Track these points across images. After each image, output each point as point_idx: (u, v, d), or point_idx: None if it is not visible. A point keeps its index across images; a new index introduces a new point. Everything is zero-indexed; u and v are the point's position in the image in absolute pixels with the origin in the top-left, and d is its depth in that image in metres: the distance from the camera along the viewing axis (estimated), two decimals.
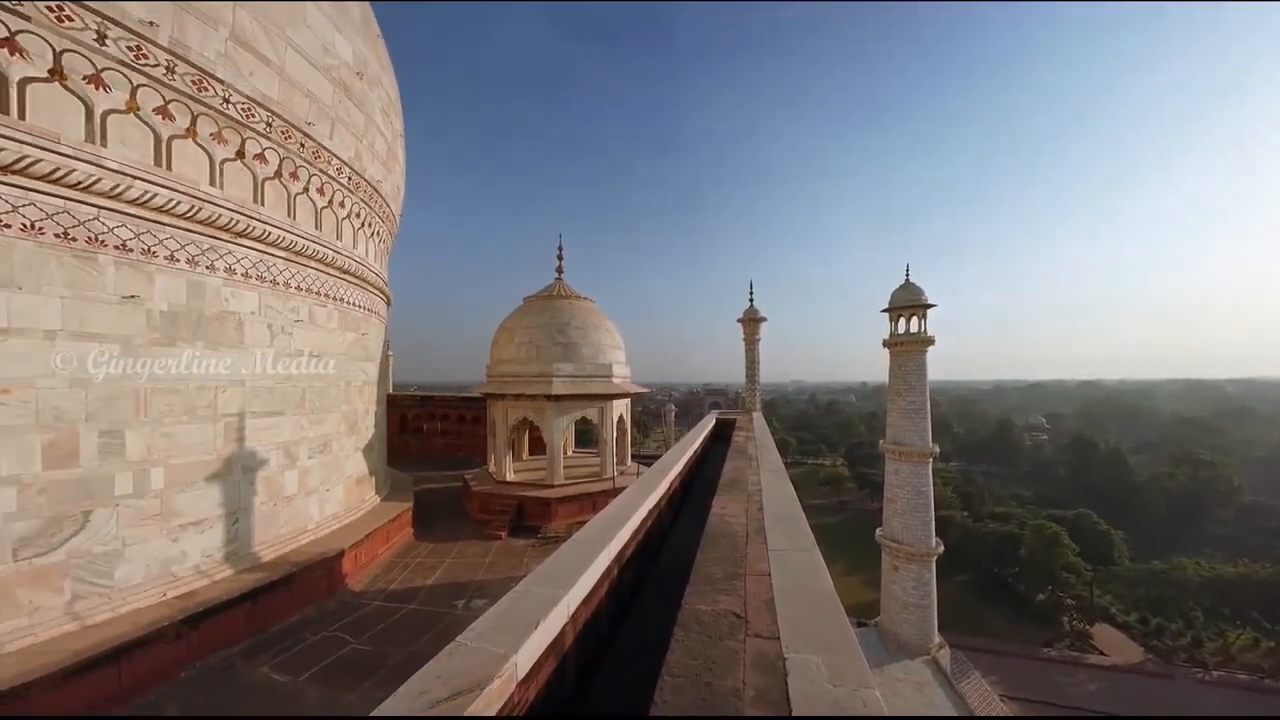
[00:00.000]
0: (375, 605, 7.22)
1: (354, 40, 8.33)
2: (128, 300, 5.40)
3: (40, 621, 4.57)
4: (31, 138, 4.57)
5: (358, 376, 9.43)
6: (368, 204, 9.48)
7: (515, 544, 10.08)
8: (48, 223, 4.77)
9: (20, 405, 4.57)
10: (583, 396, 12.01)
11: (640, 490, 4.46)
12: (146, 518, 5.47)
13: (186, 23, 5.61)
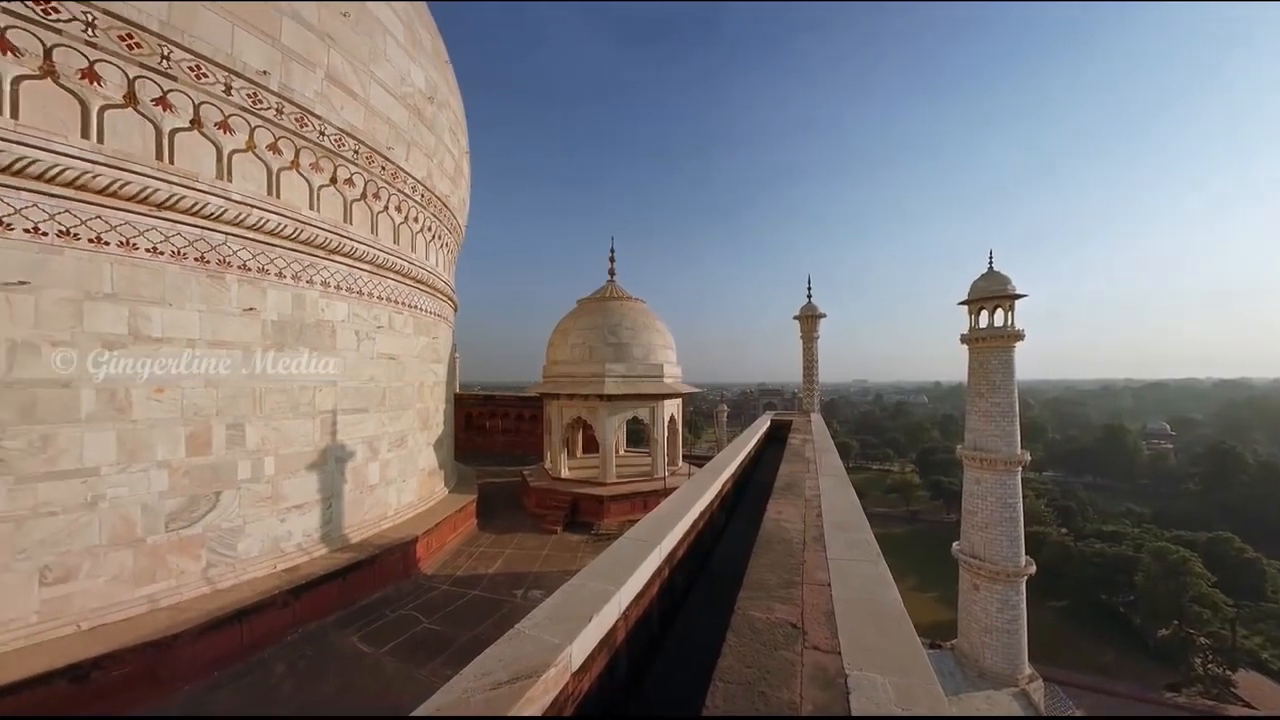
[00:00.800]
0: (444, 589, 7.78)
1: (426, 68, 9.05)
2: (247, 312, 6.27)
3: (184, 584, 5.45)
4: (178, 178, 5.46)
5: (429, 377, 10.22)
6: (438, 218, 10.24)
7: (569, 539, 10.42)
8: (189, 249, 5.67)
9: (170, 403, 5.48)
10: (634, 396, 12.16)
11: (692, 491, 4.44)
12: (261, 500, 6.33)
13: (291, 69, 6.41)
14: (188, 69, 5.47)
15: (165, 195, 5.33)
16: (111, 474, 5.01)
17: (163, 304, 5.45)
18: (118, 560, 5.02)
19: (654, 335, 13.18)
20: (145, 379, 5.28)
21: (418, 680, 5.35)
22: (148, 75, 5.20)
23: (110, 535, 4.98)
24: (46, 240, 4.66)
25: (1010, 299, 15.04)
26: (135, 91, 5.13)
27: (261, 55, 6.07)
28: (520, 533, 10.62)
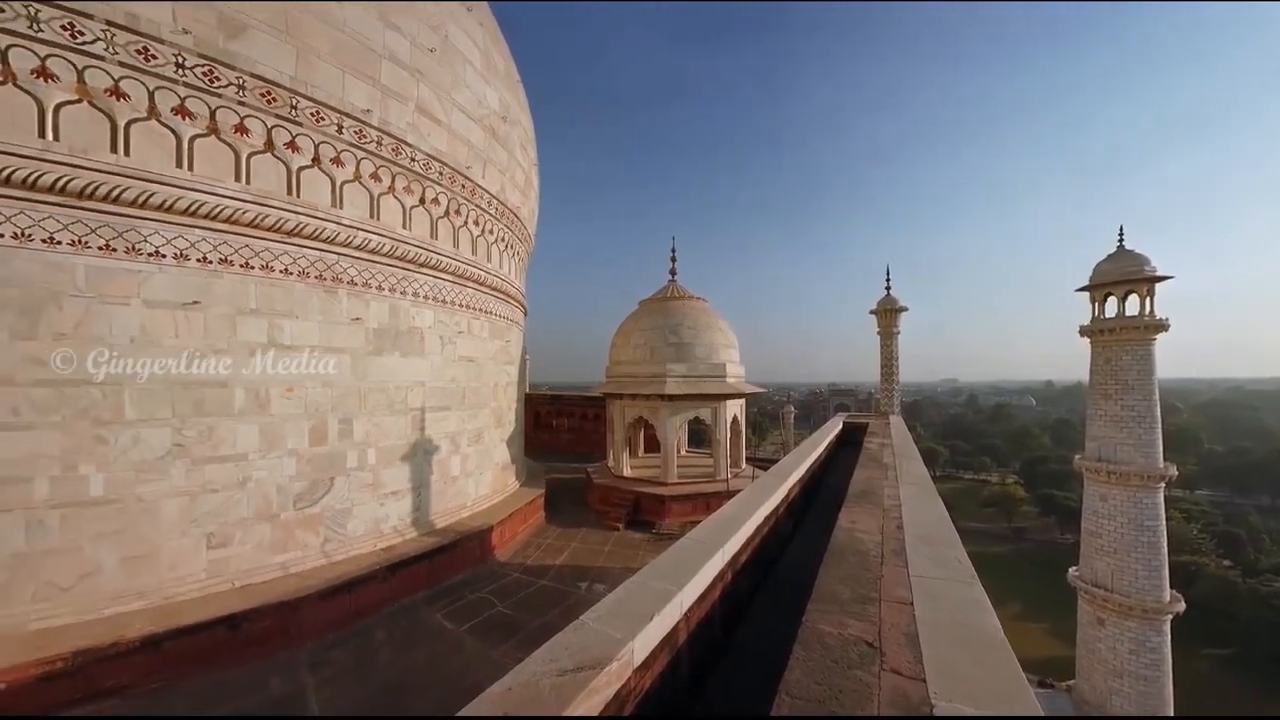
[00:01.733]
0: (515, 576, 8.31)
1: (499, 89, 9.70)
2: (354, 321, 7.17)
3: (307, 555, 6.40)
4: (303, 209, 6.40)
5: (502, 378, 10.95)
6: (510, 228, 10.94)
7: (631, 536, 10.61)
8: (311, 268, 6.62)
9: (296, 400, 6.44)
10: (695, 396, 12.08)
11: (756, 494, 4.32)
12: (365, 486, 7.22)
13: (389, 104, 7.21)
14: (310, 114, 6.38)
15: (294, 224, 6.28)
16: (256, 459, 6.02)
17: (292, 316, 6.42)
18: (259, 531, 6.02)
19: (716, 334, 13.00)
20: (279, 380, 6.27)
21: (492, 660, 5.78)
22: (281, 124, 6.15)
23: (255, 510, 5.99)
24: (211, 267, 5.71)
25: (1148, 282, 12.65)
26: (272, 139, 6.11)
27: (365, 95, 6.91)
28: (584, 528, 11.01)
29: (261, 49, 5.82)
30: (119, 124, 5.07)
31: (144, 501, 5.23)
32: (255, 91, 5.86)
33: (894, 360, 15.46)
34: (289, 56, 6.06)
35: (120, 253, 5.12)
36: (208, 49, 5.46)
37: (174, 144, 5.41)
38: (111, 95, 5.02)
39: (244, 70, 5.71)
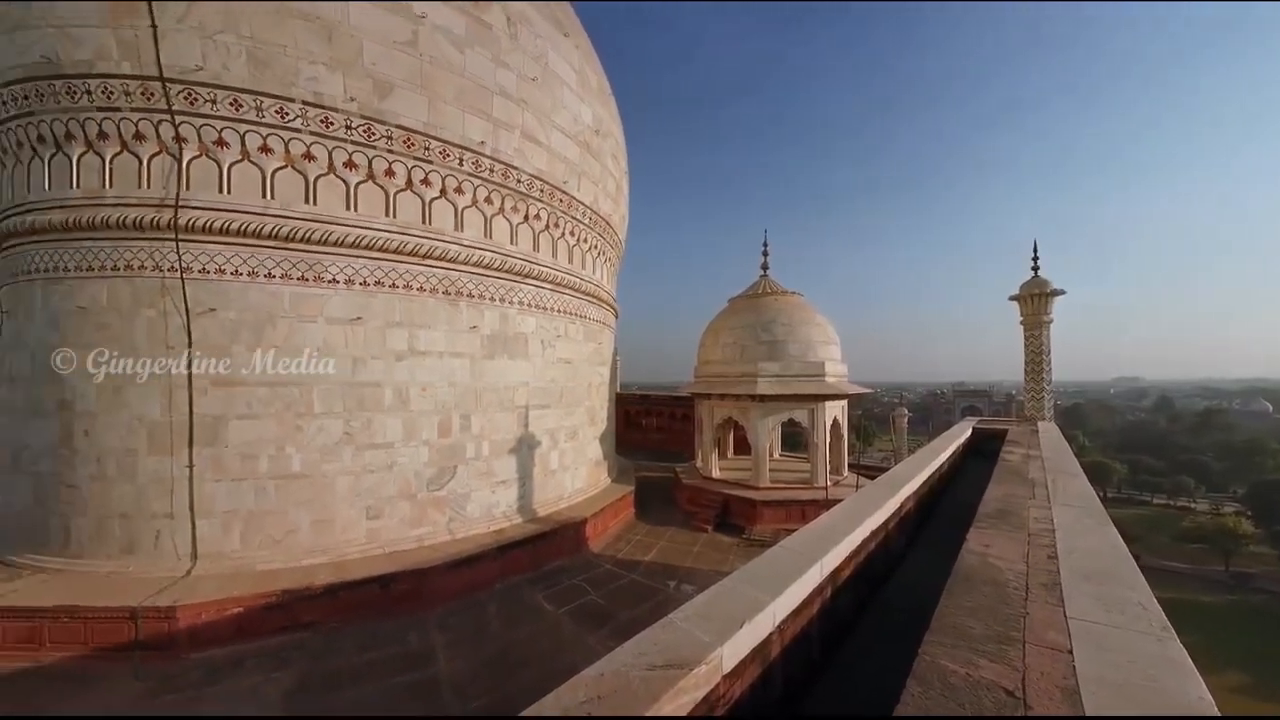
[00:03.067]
0: (607, 568, 8.77)
1: (593, 105, 10.14)
2: (472, 329, 8.16)
3: (436, 531, 7.53)
4: (433, 234, 7.46)
5: (596, 378, 11.56)
6: (602, 236, 11.43)
7: (720, 539, 10.51)
8: (439, 285, 7.68)
9: (429, 399, 7.58)
10: (789, 397, 11.45)
11: (861, 505, 3.98)
12: (480, 474, 8.23)
13: (499, 134, 8.01)
14: (439, 152, 7.38)
15: (427, 248, 7.34)
16: (400, 447, 7.24)
17: (425, 326, 7.54)
18: (402, 508, 7.25)
19: (813, 331, 12.18)
20: (416, 381, 7.43)
21: (586, 645, 6.19)
22: (418, 164, 7.22)
23: (398, 490, 7.22)
24: (368, 289, 6.97)
25: None
26: (411, 177, 7.20)
27: (480, 129, 7.76)
28: (673, 527, 11.17)
29: (404, 103, 6.90)
30: (310, 180, 6.44)
31: (326, 478, 6.65)
32: (399, 139, 6.97)
33: (1043, 354, 12.77)
34: (423, 106, 7.07)
35: (311, 281, 6.53)
36: (366, 110, 6.63)
37: (344, 191, 6.70)
38: (305, 158, 6.40)
39: (391, 123, 6.83)
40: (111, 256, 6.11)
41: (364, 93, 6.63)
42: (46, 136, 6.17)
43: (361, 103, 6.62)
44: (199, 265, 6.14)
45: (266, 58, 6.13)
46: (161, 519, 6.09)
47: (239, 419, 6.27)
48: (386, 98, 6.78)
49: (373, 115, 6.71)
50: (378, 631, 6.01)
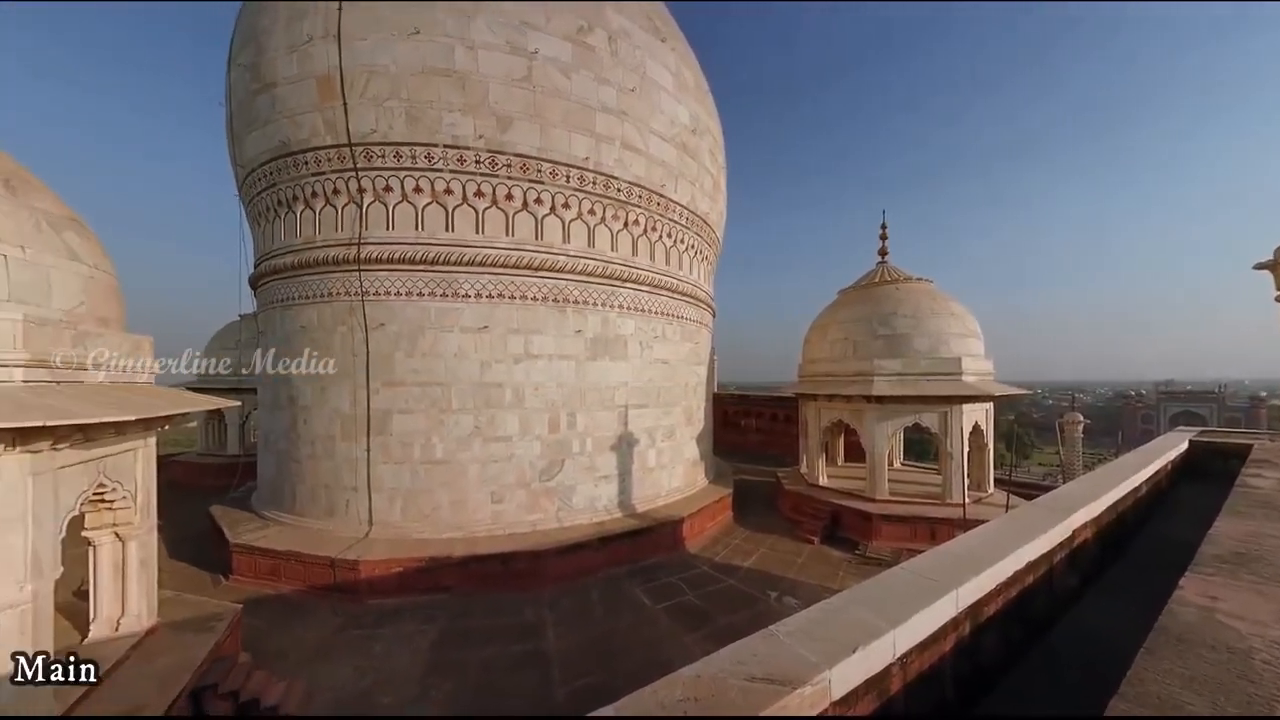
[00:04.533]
0: (704, 570, 8.70)
1: (689, 105, 10.09)
2: (577, 333, 8.77)
3: (546, 519, 8.29)
4: (544, 248, 8.19)
5: (692, 378, 11.53)
6: (699, 235, 11.33)
7: (829, 553, 9.69)
8: (549, 293, 8.41)
9: (541, 397, 8.36)
10: (914, 399, 10.03)
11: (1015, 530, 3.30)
12: (584, 469, 8.82)
13: (601, 148, 8.45)
14: (549, 172, 8.08)
15: (539, 261, 8.10)
16: (517, 441, 8.12)
17: (537, 332, 8.33)
18: (519, 495, 8.13)
19: (946, 322, 10.49)
20: (530, 382, 8.25)
21: (682, 644, 6.22)
22: (532, 185, 8.01)
23: (516, 478, 8.11)
24: (492, 301, 7.94)
25: None
26: (526, 198, 8.01)
27: (584, 146, 8.28)
28: (774, 535, 10.63)
29: (520, 133, 7.71)
30: (449, 211, 7.59)
31: (460, 464, 7.78)
32: (517, 166, 7.80)
33: None
34: (536, 132, 7.81)
35: (450, 297, 7.70)
36: (491, 144, 7.57)
37: (474, 217, 7.74)
38: (445, 193, 7.56)
39: (510, 152, 7.69)
40: (319, 287, 7.99)
41: (489, 129, 7.58)
42: (283, 200, 8.29)
43: (488, 138, 7.58)
44: (373, 289, 7.68)
45: (418, 113, 7.39)
46: (350, 491, 7.78)
47: (400, 413, 7.68)
48: (507, 130, 7.66)
49: (496, 148, 7.64)
50: (499, 602, 6.83)
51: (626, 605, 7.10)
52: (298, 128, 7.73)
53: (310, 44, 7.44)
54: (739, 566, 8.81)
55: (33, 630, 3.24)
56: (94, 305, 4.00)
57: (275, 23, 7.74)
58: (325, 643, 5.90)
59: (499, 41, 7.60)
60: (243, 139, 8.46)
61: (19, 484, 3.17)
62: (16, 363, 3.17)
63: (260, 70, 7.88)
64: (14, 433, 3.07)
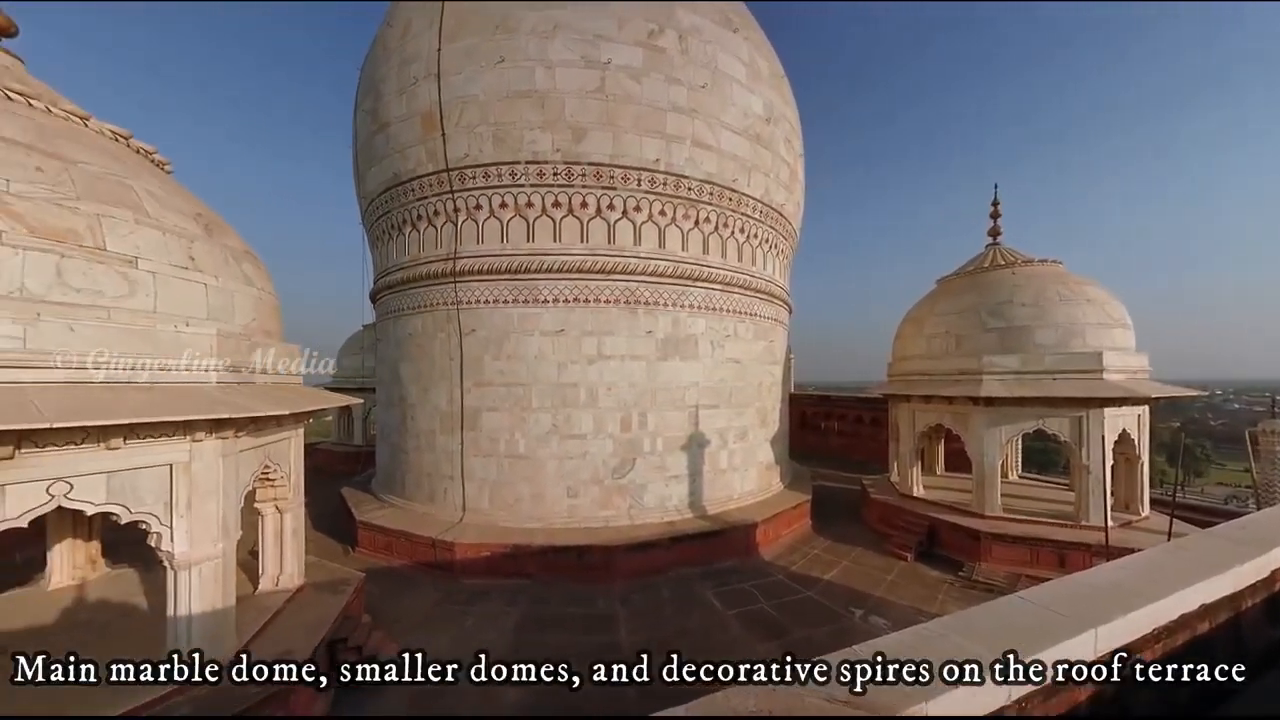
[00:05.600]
0: (780, 579, 8.32)
1: (763, 93, 9.65)
2: (648, 334, 8.86)
3: (618, 515, 8.51)
4: (616, 252, 8.40)
5: (767, 378, 11.06)
6: (774, 228, 10.82)
7: (924, 571, 8.74)
8: (620, 295, 8.60)
9: (613, 397, 8.60)
10: (1037, 401, 8.58)
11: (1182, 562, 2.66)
12: (655, 468, 8.90)
13: (671, 148, 8.45)
14: (620, 178, 8.26)
15: (611, 265, 8.34)
16: (591, 439, 8.45)
17: (610, 334, 8.57)
18: (592, 491, 8.45)
19: (1080, 310, 8.87)
20: (603, 382, 8.53)
21: (755, 653, 5.98)
22: (605, 192, 8.26)
23: (590, 475, 8.44)
24: (569, 305, 8.35)
25: None
26: (599, 205, 8.29)
27: (655, 148, 8.33)
28: (859, 547, 9.84)
29: (594, 142, 8.00)
30: (530, 222, 8.14)
31: (539, 460, 8.30)
32: (591, 174, 8.10)
33: None
34: (609, 141, 8.04)
35: (530, 303, 8.24)
36: (567, 156, 7.96)
37: (551, 227, 8.19)
38: (526, 206, 8.11)
39: (585, 162, 8.01)
40: (421, 298, 9.02)
41: (565, 141, 7.97)
42: (395, 224, 9.49)
43: (564, 150, 7.98)
44: (466, 298, 8.49)
45: (503, 134, 8.01)
46: (447, 480, 8.69)
47: (488, 411, 8.40)
48: (581, 141, 7.99)
49: (572, 159, 8.01)
50: (574, 592, 7.16)
51: (697, 607, 7.04)
52: (405, 160, 8.78)
53: (416, 85, 8.42)
54: (818, 578, 8.29)
55: (223, 578, 4.08)
56: (262, 321, 4.92)
57: (390, 70, 8.87)
58: (427, 613, 6.66)
59: (574, 57, 7.94)
60: (364, 175, 9.83)
61: (214, 464, 4.00)
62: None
63: (378, 113, 9.08)
64: (212, 423, 3.89)
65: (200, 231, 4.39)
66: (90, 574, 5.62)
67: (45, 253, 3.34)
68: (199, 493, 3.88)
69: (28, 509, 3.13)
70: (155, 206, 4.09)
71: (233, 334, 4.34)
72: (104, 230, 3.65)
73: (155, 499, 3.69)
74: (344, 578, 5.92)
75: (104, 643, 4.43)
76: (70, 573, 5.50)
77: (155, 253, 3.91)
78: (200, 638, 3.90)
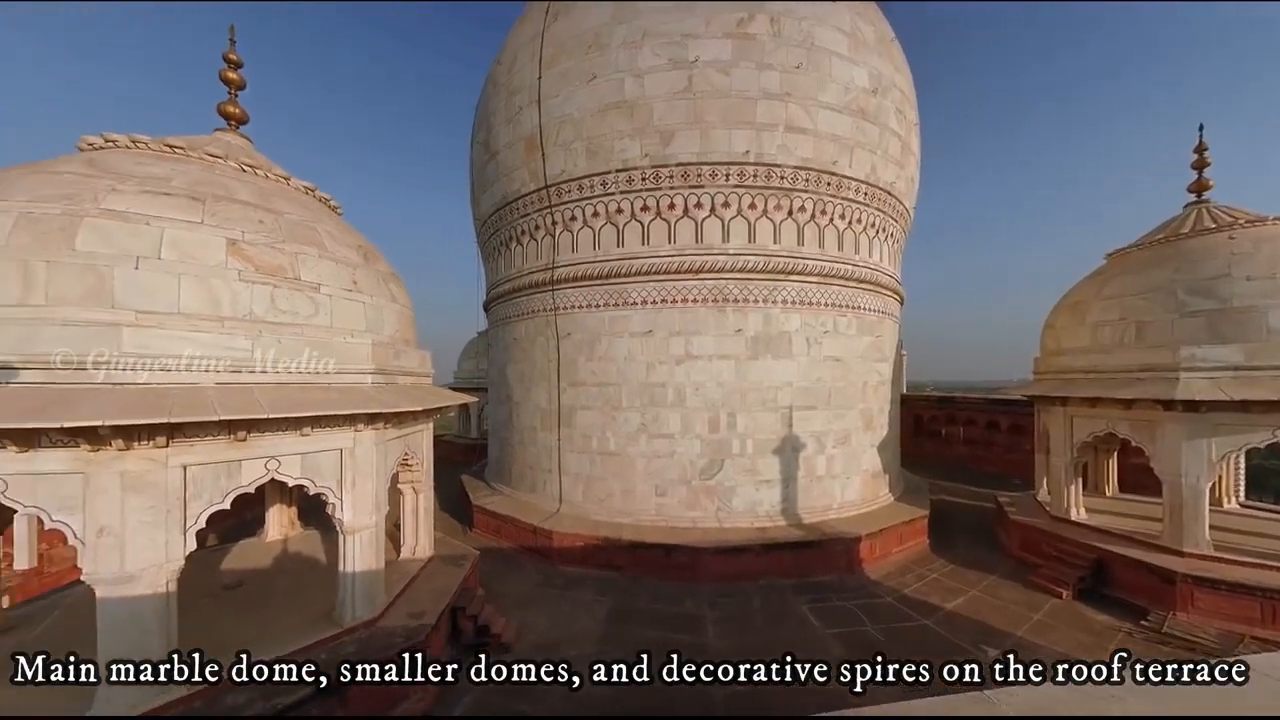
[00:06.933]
0: (889, 601, 7.49)
1: (868, 62, 8.69)
2: (737, 333, 8.60)
3: (706, 517, 8.43)
4: (704, 250, 8.31)
5: (873, 377, 10.00)
6: (881, 210, 9.71)
7: (1087, 614, 7.19)
8: (708, 294, 8.48)
9: (700, 397, 8.53)
10: (1271, 405, 6.50)
11: None
12: (744, 471, 8.62)
13: (761, 138, 8.08)
14: (708, 174, 8.15)
15: (699, 264, 8.27)
16: (678, 438, 8.49)
17: (697, 333, 8.51)
18: (680, 491, 8.49)
19: None
20: (690, 382, 8.50)
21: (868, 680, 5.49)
22: (692, 191, 8.23)
23: (677, 475, 8.49)
24: (656, 306, 8.48)
25: None
26: (687, 204, 8.28)
27: (744, 139, 8.05)
28: (992, 575, 8.43)
29: (681, 143, 8.02)
30: (619, 228, 8.47)
31: (628, 457, 8.59)
32: (678, 175, 8.14)
33: None
34: (696, 139, 8.00)
35: (620, 305, 8.57)
36: (655, 159, 8.11)
37: (640, 230, 8.42)
38: (616, 213, 8.45)
39: (672, 164, 8.08)
40: (524, 306, 9.93)
41: (653, 145, 8.12)
42: (503, 240, 10.59)
43: (652, 155, 8.14)
44: (562, 304, 9.15)
45: (595, 148, 8.45)
46: (546, 472, 9.46)
47: (581, 409, 8.95)
48: (669, 143, 8.07)
49: (659, 162, 8.14)
50: (661, 589, 7.29)
51: (791, 621, 6.68)
52: (511, 182, 9.73)
53: (520, 112, 9.29)
54: (938, 606, 7.30)
55: (376, 545, 4.97)
56: (403, 331, 5.88)
57: (499, 103, 9.90)
58: (529, 593, 7.33)
59: (662, 61, 8.03)
60: (479, 199, 11.13)
61: (370, 450, 4.89)
62: (368, 371, 4.89)
63: (489, 143, 10.20)
64: (369, 417, 4.76)
65: (360, 260, 5.38)
66: (291, 532, 7.29)
67: (264, 285, 4.39)
68: (360, 473, 4.77)
69: (254, 479, 4.16)
70: (331, 243, 5.12)
71: (383, 343, 5.24)
72: (299, 265, 4.67)
73: (331, 476, 4.63)
74: (463, 553, 6.80)
75: (299, 586, 5.71)
76: (279, 530, 7.20)
77: (331, 279, 4.90)
78: (360, 591, 4.81)
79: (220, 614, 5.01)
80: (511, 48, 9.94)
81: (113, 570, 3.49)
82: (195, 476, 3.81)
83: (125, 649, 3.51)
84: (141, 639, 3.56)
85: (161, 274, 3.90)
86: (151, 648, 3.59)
